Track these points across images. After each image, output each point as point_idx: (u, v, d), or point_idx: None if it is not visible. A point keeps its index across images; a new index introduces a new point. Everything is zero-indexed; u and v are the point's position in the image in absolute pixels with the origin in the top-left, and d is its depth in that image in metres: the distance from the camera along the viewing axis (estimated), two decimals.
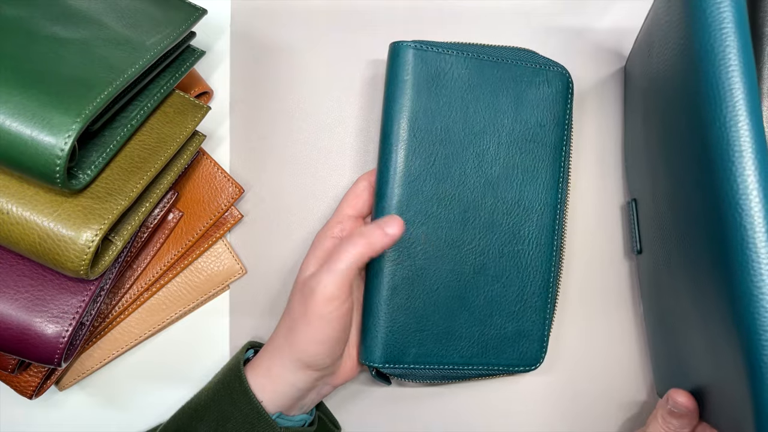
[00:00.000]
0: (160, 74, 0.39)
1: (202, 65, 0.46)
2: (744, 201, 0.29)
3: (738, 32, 0.31)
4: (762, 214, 0.29)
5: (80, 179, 0.32)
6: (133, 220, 0.36)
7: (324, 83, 0.47)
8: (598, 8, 0.48)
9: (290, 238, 0.46)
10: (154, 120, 0.38)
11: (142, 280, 0.43)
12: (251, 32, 0.46)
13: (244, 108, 0.46)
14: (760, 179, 0.29)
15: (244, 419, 0.38)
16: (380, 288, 0.41)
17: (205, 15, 0.41)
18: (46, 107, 0.30)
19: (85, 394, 0.46)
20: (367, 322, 0.42)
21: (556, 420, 0.47)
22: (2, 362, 0.39)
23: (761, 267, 0.29)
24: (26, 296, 0.36)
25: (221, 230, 0.45)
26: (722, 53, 0.30)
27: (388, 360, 0.42)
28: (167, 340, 0.46)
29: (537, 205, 0.44)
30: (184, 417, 0.40)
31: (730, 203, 0.29)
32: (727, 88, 0.30)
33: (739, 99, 0.30)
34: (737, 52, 0.30)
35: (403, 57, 0.41)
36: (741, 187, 0.29)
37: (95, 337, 0.44)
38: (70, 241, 0.32)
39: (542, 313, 0.44)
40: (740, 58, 0.30)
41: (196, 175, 0.44)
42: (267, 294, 0.46)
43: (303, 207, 0.46)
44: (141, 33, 0.37)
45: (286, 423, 0.40)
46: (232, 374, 0.39)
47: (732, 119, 0.29)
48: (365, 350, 0.42)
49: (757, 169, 0.29)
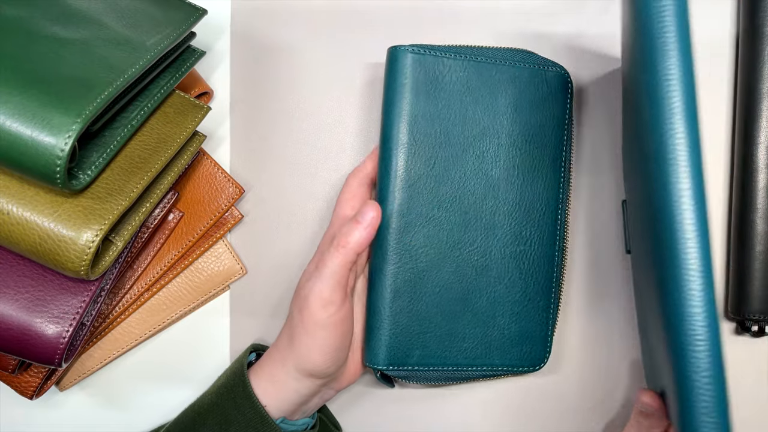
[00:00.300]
0: (160, 74, 0.39)
1: (202, 65, 0.46)
2: (677, 210, 0.29)
3: (679, 42, 0.30)
4: (693, 228, 0.29)
5: (80, 179, 0.32)
6: (134, 220, 0.36)
7: (324, 83, 0.47)
8: (598, 8, 0.48)
9: (290, 238, 0.46)
10: (154, 120, 0.38)
11: (142, 280, 0.43)
12: (251, 32, 0.46)
13: (244, 108, 0.46)
14: (692, 193, 0.30)
15: (248, 423, 0.38)
16: (383, 291, 0.41)
17: (205, 15, 0.41)
18: (46, 107, 0.30)
19: (86, 395, 0.46)
20: (370, 325, 0.42)
21: (559, 419, 0.47)
22: (3, 362, 0.39)
23: (690, 278, 0.29)
24: (27, 296, 0.36)
25: (221, 230, 0.45)
26: (661, 62, 0.30)
27: (392, 362, 0.42)
28: (167, 341, 0.46)
29: (538, 206, 0.44)
30: (187, 420, 0.40)
31: (665, 210, 0.30)
32: (665, 100, 0.30)
33: (676, 111, 0.29)
34: (677, 61, 0.30)
35: (401, 61, 0.41)
36: (674, 197, 0.30)
37: (96, 338, 0.44)
38: (70, 241, 0.32)
39: (545, 313, 0.44)
40: (680, 68, 0.30)
41: (196, 176, 0.44)
42: (267, 294, 0.46)
43: (303, 207, 0.46)
44: (141, 33, 0.37)
45: (289, 428, 0.40)
46: (236, 378, 0.39)
47: (668, 130, 0.30)
48: (369, 353, 0.42)
49: (691, 181, 0.30)
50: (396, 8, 0.47)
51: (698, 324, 0.29)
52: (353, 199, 0.42)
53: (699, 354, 0.29)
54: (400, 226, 0.41)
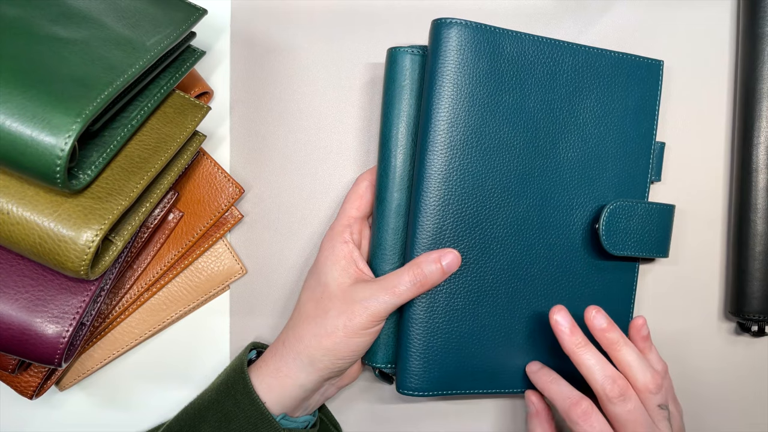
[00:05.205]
0: (160, 74, 0.39)
1: (202, 65, 0.46)
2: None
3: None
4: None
5: (80, 179, 0.32)
6: (134, 220, 0.36)
7: (324, 83, 0.47)
8: (598, 8, 0.48)
9: (290, 237, 0.46)
10: (154, 120, 0.38)
11: (142, 280, 0.43)
12: (251, 32, 0.46)
13: (244, 108, 0.46)
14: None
15: (248, 420, 0.38)
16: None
17: (205, 15, 0.41)
18: (46, 107, 0.30)
19: (86, 395, 0.46)
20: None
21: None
22: (2, 362, 0.39)
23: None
24: (27, 296, 0.36)
25: (221, 230, 0.45)
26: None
27: (390, 361, 0.42)
28: (167, 340, 0.46)
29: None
30: (187, 417, 0.40)
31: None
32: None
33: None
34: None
35: (400, 62, 0.41)
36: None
37: (95, 338, 0.44)
38: (70, 241, 0.32)
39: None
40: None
41: (196, 175, 0.44)
42: (267, 294, 0.46)
43: (303, 207, 0.46)
44: (141, 33, 0.37)
45: (290, 424, 0.40)
46: (236, 375, 0.39)
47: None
48: (368, 352, 0.42)
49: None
50: (396, 8, 0.47)
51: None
52: (360, 200, 0.43)
53: None
54: (399, 225, 0.41)
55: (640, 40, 0.49)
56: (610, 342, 0.39)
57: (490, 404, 0.48)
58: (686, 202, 0.49)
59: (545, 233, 0.42)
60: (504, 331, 0.42)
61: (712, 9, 0.49)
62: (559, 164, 0.42)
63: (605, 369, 0.38)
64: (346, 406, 0.47)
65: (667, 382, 0.42)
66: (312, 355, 0.38)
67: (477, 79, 0.40)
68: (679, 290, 0.49)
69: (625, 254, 0.43)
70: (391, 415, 0.47)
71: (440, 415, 0.47)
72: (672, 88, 0.49)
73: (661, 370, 0.41)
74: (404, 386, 0.40)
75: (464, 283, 0.41)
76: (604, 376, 0.38)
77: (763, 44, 0.47)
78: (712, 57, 0.50)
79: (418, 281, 0.38)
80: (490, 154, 0.40)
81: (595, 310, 0.39)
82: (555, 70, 0.42)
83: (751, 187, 0.47)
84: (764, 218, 0.46)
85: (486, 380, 0.42)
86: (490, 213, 0.41)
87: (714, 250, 0.50)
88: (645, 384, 0.38)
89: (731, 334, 0.50)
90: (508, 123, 0.41)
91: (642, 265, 0.48)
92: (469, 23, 0.39)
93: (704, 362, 0.50)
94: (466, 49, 0.39)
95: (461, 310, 0.41)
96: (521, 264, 0.42)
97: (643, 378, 0.38)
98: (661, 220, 0.44)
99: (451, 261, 0.39)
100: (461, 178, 0.40)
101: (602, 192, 0.44)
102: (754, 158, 0.47)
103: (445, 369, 0.41)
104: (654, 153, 0.45)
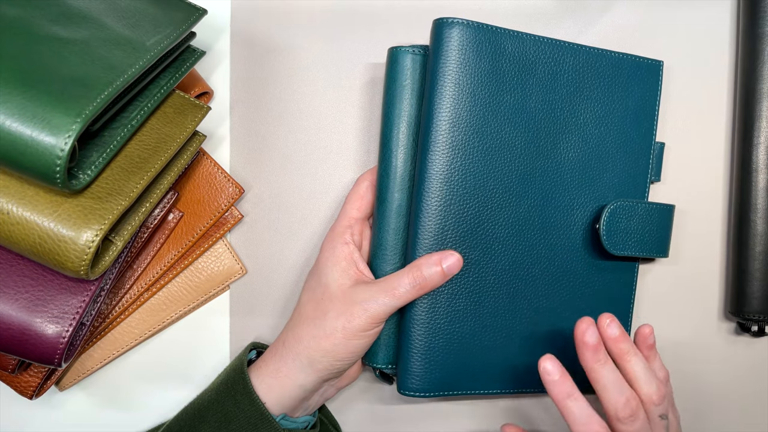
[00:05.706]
0: (160, 74, 0.39)
1: (202, 65, 0.46)
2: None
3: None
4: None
5: (80, 179, 0.32)
6: (134, 220, 0.36)
7: (324, 83, 0.47)
8: (598, 8, 0.48)
9: (290, 238, 0.46)
10: (154, 120, 0.38)
11: (142, 280, 0.43)
12: (251, 32, 0.46)
13: (244, 108, 0.46)
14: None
15: (248, 420, 0.38)
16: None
17: (205, 15, 0.41)
18: (46, 107, 0.30)
19: (86, 395, 0.46)
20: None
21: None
22: (2, 362, 0.39)
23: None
24: (26, 296, 0.36)
25: (221, 230, 0.45)
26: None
27: (391, 361, 0.42)
28: (167, 340, 0.46)
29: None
30: (187, 417, 0.40)
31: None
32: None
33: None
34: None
35: (401, 62, 0.41)
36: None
37: (95, 338, 0.44)
38: (70, 241, 0.32)
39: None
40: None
41: (196, 175, 0.44)
42: (267, 294, 0.46)
43: (303, 207, 0.46)
44: (141, 33, 0.37)
45: (290, 425, 0.40)
46: (236, 375, 0.39)
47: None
48: (368, 352, 0.42)
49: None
50: (396, 8, 0.47)
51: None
52: (361, 201, 0.43)
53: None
54: (399, 226, 0.41)
55: (640, 40, 0.49)
56: (621, 352, 0.39)
57: (490, 405, 0.48)
58: (686, 202, 0.49)
59: (546, 233, 0.42)
60: (505, 332, 0.42)
61: (712, 9, 0.49)
62: (560, 164, 0.42)
63: (623, 390, 0.37)
64: (347, 406, 0.47)
65: (669, 389, 0.42)
66: (311, 356, 0.38)
67: (479, 79, 0.40)
68: (679, 290, 0.49)
69: (625, 254, 0.43)
70: (391, 416, 0.47)
71: (441, 415, 0.47)
72: (672, 88, 0.49)
73: (664, 377, 0.41)
74: (405, 387, 0.40)
75: (466, 283, 0.41)
76: (618, 395, 0.37)
77: (763, 44, 0.47)
78: (712, 57, 0.50)
79: (418, 284, 0.38)
80: (491, 155, 0.40)
81: (609, 319, 0.39)
82: (556, 70, 0.42)
83: (751, 187, 0.47)
84: (764, 218, 0.46)
85: (487, 381, 0.42)
86: (492, 213, 0.41)
87: (714, 250, 0.50)
88: (650, 395, 0.38)
89: (731, 334, 0.50)
90: (509, 123, 0.41)
91: (642, 265, 0.48)
92: (471, 23, 0.39)
93: (704, 362, 0.50)
94: (467, 48, 0.39)
95: (462, 311, 0.41)
96: (522, 264, 0.42)
97: (648, 389, 0.38)
98: (661, 220, 0.44)
99: (452, 264, 0.39)
100: (463, 178, 0.40)
101: (602, 192, 0.44)
102: (754, 158, 0.47)
103: (446, 370, 0.41)
104: (654, 153, 0.45)
